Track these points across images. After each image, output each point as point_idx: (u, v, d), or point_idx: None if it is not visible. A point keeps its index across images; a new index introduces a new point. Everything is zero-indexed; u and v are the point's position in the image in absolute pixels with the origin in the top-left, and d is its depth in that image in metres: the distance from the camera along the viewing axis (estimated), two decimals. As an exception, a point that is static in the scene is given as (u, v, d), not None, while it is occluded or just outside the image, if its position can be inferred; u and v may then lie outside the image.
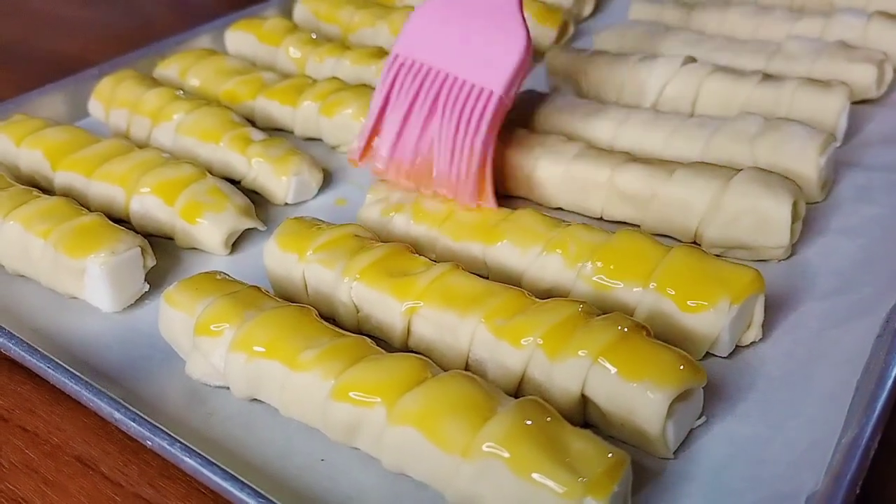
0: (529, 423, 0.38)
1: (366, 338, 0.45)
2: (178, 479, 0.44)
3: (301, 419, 0.44)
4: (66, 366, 0.46)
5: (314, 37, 0.84)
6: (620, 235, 0.51)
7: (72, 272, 0.53)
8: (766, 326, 0.49)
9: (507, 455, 0.37)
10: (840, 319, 0.50)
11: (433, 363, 0.43)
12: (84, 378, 0.45)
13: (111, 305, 0.54)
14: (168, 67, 0.80)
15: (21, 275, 0.57)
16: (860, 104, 0.72)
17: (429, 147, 0.59)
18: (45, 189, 0.63)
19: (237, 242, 0.60)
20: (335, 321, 0.51)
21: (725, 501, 0.40)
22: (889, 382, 0.42)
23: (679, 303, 0.47)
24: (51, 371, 0.46)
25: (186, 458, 0.40)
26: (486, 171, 0.57)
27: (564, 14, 0.89)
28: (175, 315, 0.48)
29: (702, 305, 0.46)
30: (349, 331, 0.46)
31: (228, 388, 0.46)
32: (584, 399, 0.43)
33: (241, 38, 0.87)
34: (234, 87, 0.75)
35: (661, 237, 0.57)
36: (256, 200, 0.64)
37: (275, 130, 0.74)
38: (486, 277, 0.54)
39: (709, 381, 0.43)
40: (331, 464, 0.43)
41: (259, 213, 0.62)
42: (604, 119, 0.66)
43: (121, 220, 0.60)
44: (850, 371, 0.46)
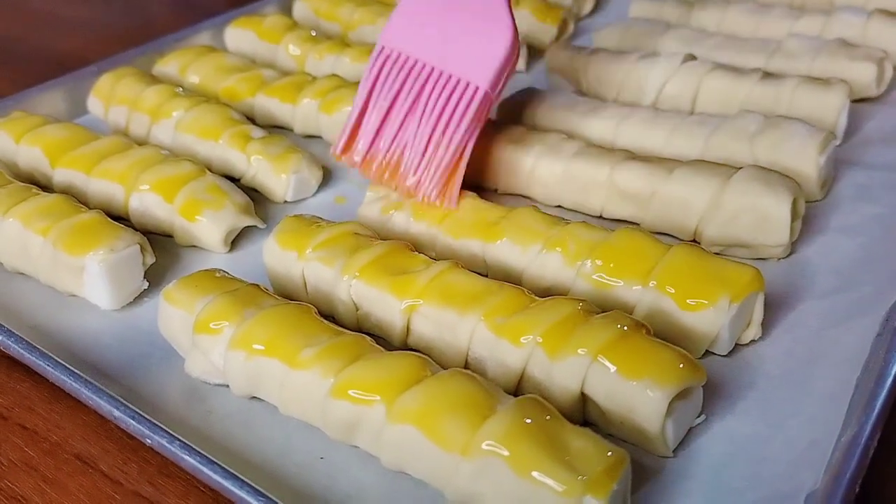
0: (529, 422, 0.38)
1: (365, 336, 0.45)
2: (178, 477, 0.44)
3: (300, 417, 0.44)
4: (66, 363, 0.46)
5: (314, 34, 0.84)
6: (620, 234, 0.51)
7: (71, 270, 0.53)
8: (766, 325, 0.49)
9: (507, 453, 0.37)
10: (840, 318, 0.50)
11: (432, 361, 0.43)
12: (83, 376, 0.45)
13: (110, 303, 0.54)
14: (167, 64, 0.80)
15: (20, 272, 0.57)
16: (860, 102, 0.72)
17: (406, 140, 0.58)
18: (45, 186, 0.63)
19: (236, 240, 0.60)
20: (335, 319, 0.51)
21: (725, 500, 0.40)
22: (888, 381, 0.42)
23: (678, 301, 0.47)
24: (50, 369, 0.46)
25: (186, 456, 0.40)
26: (458, 170, 0.56)
27: (564, 12, 0.89)
28: (174, 313, 0.48)
29: (701, 304, 0.46)
30: (349, 329, 0.46)
31: (228, 386, 0.46)
32: (584, 397, 0.43)
33: (241, 36, 0.87)
34: (234, 85, 0.75)
35: (661, 235, 0.57)
36: (256, 198, 0.64)
37: (274, 128, 0.74)
38: (486, 276, 0.54)
39: (708, 380, 0.43)
40: (330, 462, 0.43)
41: (258, 211, 0.62)
42: (604, 117, 0.66)
43: (120, 218, 0.60)
44: (850, 370, 0.46)
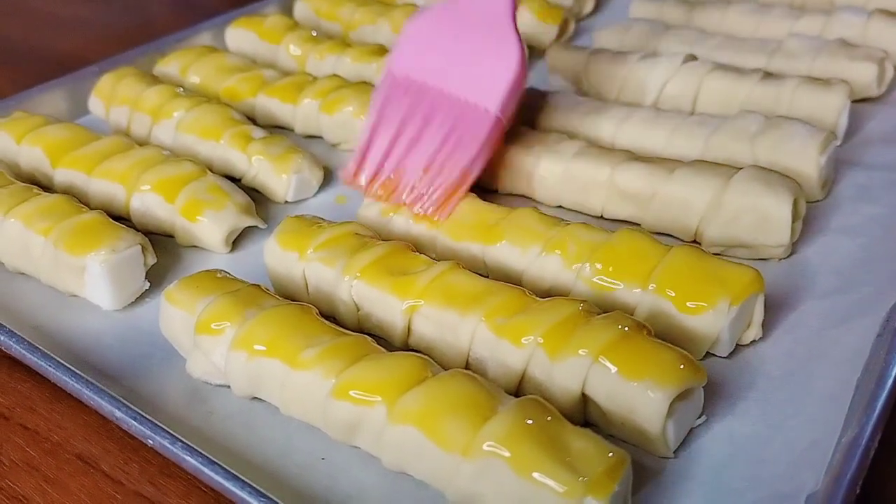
0: (530, 423, 0.38)
1: (366, 336, 0.45)
2: (179, 478, 0.44)
3: (301, 418, 0.44)
4: (67, 364, 0.46)
5: (315, 34, 0.84)
6: (620, 235, 0.51)
7: (72, 270, 0.53)
8: (767, 325, 0.49)
9: (508, 454, 0.37)
10: (840, 319, 0.50)
11: (433, 362, 0.43)
12: (85, 376, 0.45)
13: (111, 303, 0.54)
14: (168, 65, 0.80)
15: (21, 272, 0.57)
16: (861, 102, 0.72)
17: (412, 163, 0.58)
18: (46, 186, 0.63)
19: (237, 240, 0.60)
20: (336, 320, 0.51)
21: (725, 501, 0.40)
22: (889, 382, 0.42)
23: (678, 304, 0.47)
24: (51, 369, 0.46)
25: (187, 457, 0.40)
26: (460, 190, 0.57)
27: (565, 12, 0.89)
28: (176, 313, 0.48)
29: (701, 307, 0.46)
30: (350, 329, 0.46)
31: (229, 387, 0.46)
32: (585, 398, 0.43)
33: (242, 36, 0.87)
34: (235, 85, 0.75)
35: (662, 236, 0.57)
36: (257, 198, 0.64)
37: (275, 128, 0.74)
38: (487, 276, 0.54)
39: (709, 381, 0.43)
40: (331, 462, 0.43)
41: (259, 211, 0.62)
42: (604, 117, 0.66)
43: (121, 218, 0.60)
44: (851, 370, 0.46)
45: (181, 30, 0.88)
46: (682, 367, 0.42)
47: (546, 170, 0.61)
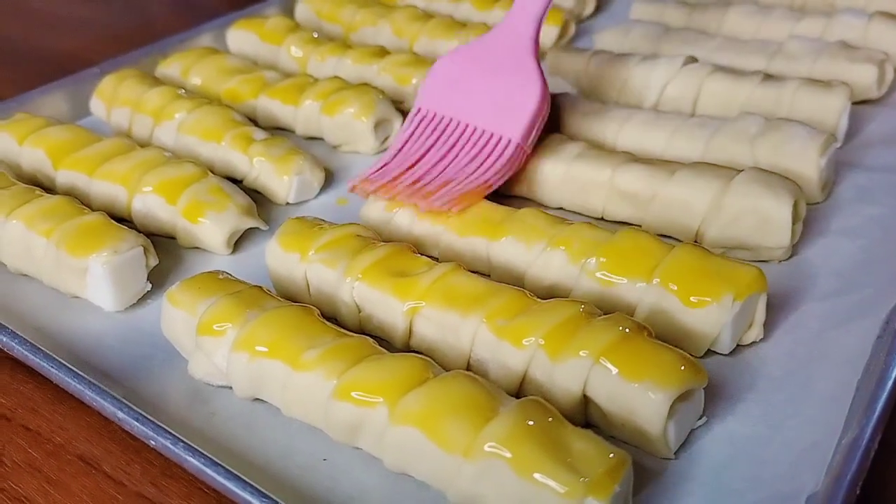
0: (531, 424, 0.38)
1: (368, 338, 0.45)
2: (181, 479, 0.44)
3: (303, 419, 0.44)
4: (69, 365, 0.47)
5: (316, 36, 0.84)
6: (624, 233, 0.51)
7: (74, 271, 0.53)
8: (767, 327, 0.49)
9: (509, 455, 0.37)
10: (840, 320, 0.50)
11: (435, 363, 0.43)
12: (87, 377, 0.46)
13: (113, 305, 0.54)
14: (170, 66, 0.80)
15: (23, 274, 0.57)
16: (861, 104, 0.72)
17: (431, 174, 0.59)
18: (47, 188, 0.63)
19: (239, 242, 0.61)
20: (337, 321, 0.51)
21: (726, 501, 0.40)
22: (889, 383, 0.42)
23: (682, 298, 0.47)
24: (53, 370, 0.46)
25: (189, 458, 0.40)
26: (473, 196, 0.57)
27: (566, 14, 0.89)
28: (177, 314, 0.48)
29: (704, 301, 0.47)
30: (351, 331, 0.46)
31: (231, 388, 0.46)
32: (586, 399, 0.43)
33: (243, 37, 0.87)
34: (236, 86, 0.75)
35: (662, 237, 0.57)
36: (258, 200, 0.64)
37: (276, 129, 0.74)
38: (489, 275, 0.54)
39: (710, 382, 0.44)
40: (333, 463, 0.43)
41: (261, 213, 0.62)
42: (605, 119, 0.66)
43: (123, 220, 0.60)
44: (851, 372, 0.46)
45: (182, 31, 0.89)
46: (683, 369, 0.42)
47: (547, 171, 0.61)
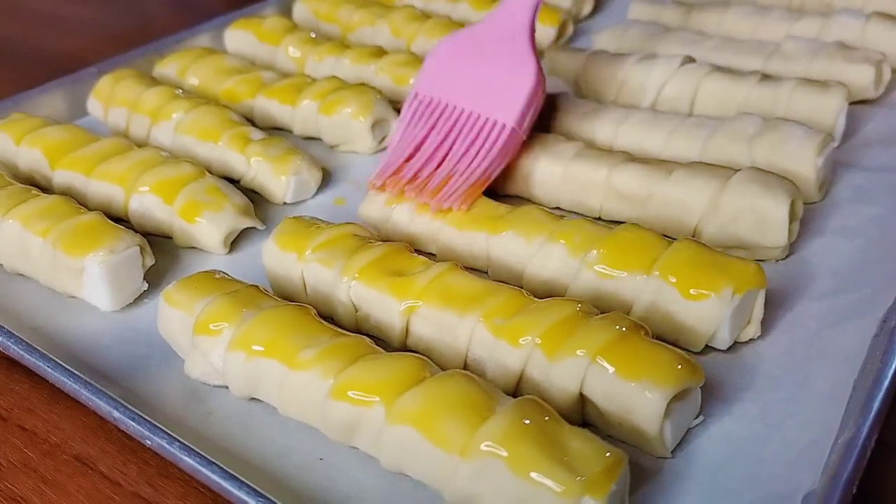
0: (528, 423, 0.38)
1: (364, 337, 0.45)
2: (177, 479, 0.44)
3: (300, 418, 0.44)
4: (65, 365, 0.46)
5: (313, 36, 0.84)
6: (624, 227, 0.51)
7: (71, 271, 0.53)
8: (765, 325, 0.49)
9: (506, 454, 0.37)
10: (838, 319, 0.50)
11: (432, 362, 0.43)
12: (83, 377, 0.45)
13: (110, 304, 0.54)
14: (167, 66, 0.80)
15: (20, 273, 0.57)
16: (858, 104, 0.72)
17: (432, 168, 0.59)
18: (44, 188, 0.63)
19: (236, 241, 0.60)
20: (334, 320, 0.51)
21: (723, 501, 0.40)
22: (886, 382, 0.42)
23: (682, 290, 0.47)
24: (49, 370, 0.46)
25: (185, 458, 0.40)
26: (475, 191, 0.57)
27: (563, 14, 0.89)
28: (174, 314, 0.48)
29: (704, 294, 0.47)
30: (348, 330, 0.46)
31: (227, 388, 0.46)
32: (583, 398, 0.43)
33: (241, 37, 0.87)
34: (234, 86, 0.75)
35: (660, 237, 0.57)
36: (255, 199, 0.64)
37: (274, 129, 0.74)
38: (487, 270, 0.54)
39: (707, 381, 0.44)
40: (329, 463, 0.43)
41: (258, 213, 0.62)
42: (602, 119, 0.66)
43: (120, 219, 0.60)
44: (848, 371, 0.46)
45: (180, 31, 0.89)
46: (680, 367, 0.42)
47: (545, 171, 0.61)
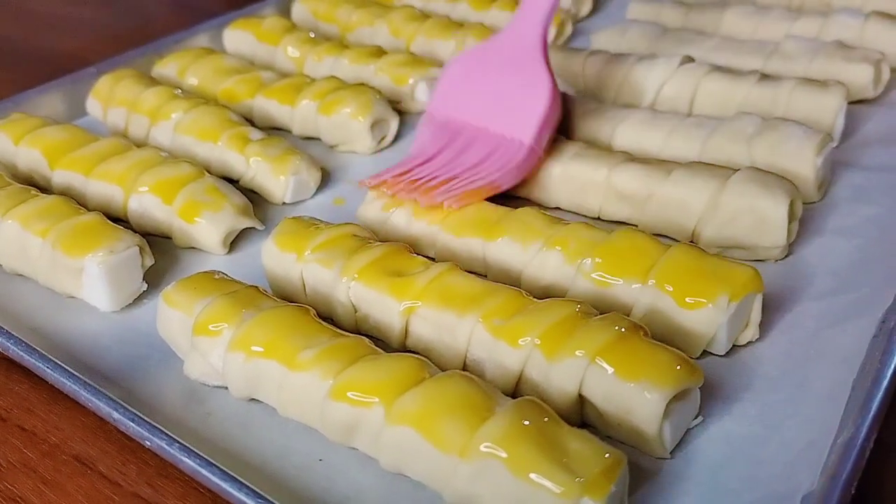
0: (527, 424, 0.38)
1: (364, 338, 0.45)
2: (177, 479, 0.44)
3: (299, 419, 0.44)
4: (65, 365, 0.46)
5: (312, 36, 0.84)
6: (620, 233, 0.51)
7: (70, 271, 0.53)
8: (763, 326, 0.49)
9: (505, 455, 0.37)
10: (837, 319, 0.50)
11: (431, 363, 0.43)
12: (82, 377, 0.45)
13: (109, 305, 0.54)
14: (166, 66, 0.80)
15: (19, 274, 0.57)
16: (857, 104, 0.72)
17: (442, 172, 0.59)
18: (44, 188, 0.63)
19: (235, 242, 0.60)
20: (333, 321, 0.51)
21: (722, 501, 0.40)
22: (885, 382, 0.42)
23: (677, 299, 0.47)
24: (49, 370, 0.46)
25: (185, 458, 0.40)
26: (478, 194, 0.57)
27: (562, 14, 0.89)
28: (173, 314, 0.48)
29: (700, 302, 0.47)
30: (347, 331, 0.46)
31: (227, 388, 0.46)
32: (582, 399, 0.43)
33: (240, 37, 0.87)
34: (233, 86, 0.75)
35: (659, 237, 0.57)
36: (254, 200, 0.64)
37: (273, 129, 0.74)
38: (485, 275, 0.54)
39: (706, 381, 0.44)
40: (329, 464, 0.43)
41: (257, 213, 0.62)
42: (602, 119, 0.66)
43: (119, 220, 0.60)
44: (847, 371, 0.46)
45: (179, 31, 0.89)
46: (679, 368, 0.42)
47: (543, 171, 0.61)
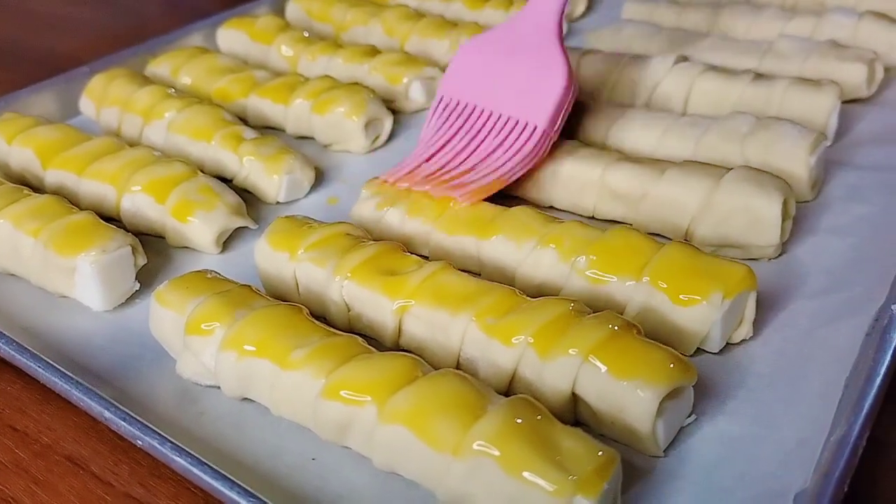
0: (520, 422, 0.38)
1: (357, 337, 0.45)
2: (169, 479, 0.43)
3: (292, 418, 0.44)
4: (57, 365, 0.46)
5: (306, 35, 0.84)
6: (614, 231, 0.51)
7: (62, 271, 0.53)
8: (757, 325, 0.49)
9: (498, 453, 0.37)
10: (830, 318, 0.50)
11: (424, 362, 0.43)
12: (74, 377, 0.45)
13: (102, 304, 0.54)
14: (160, 65, 0.80)
15: (11, 273, 0.57)
16: (851, 103, 0.72)
17: (455, 162, 0.59)
18: (36, 187, 0.63)
19: (228, 241, 0.60)
20: (326, 320, 0.50)
21: (715, 499, 0.40)
22: (878, 381, 0.42)
23: (671, 296, 0.47)
24: (41, 370, 0.46)
25: (177, 458, 0.40)
26: (495, 187, 0.57)
27: (557, 13, 0.89)
28: (166, 314, 0.48)
29: (694, 299, 0.47)
30: (340, 330, 0.46)
31: (219, 388, 0.46)
32: (575, 397, 0.43)
33: (234, 37, 0.87)
34: (226, 86, 0.75)
35: (653, 236, 0.57)
36: (248, 199, 0.64)
37: (267, 129, 0.74)
38: (479, 273, 0.54)
39: (699, 380, 0.44)
40: (322, 463, 0.43)
41: (250, 212, 0.62)
42: (596, 118, 0.66)
43: (112, 219, 0.59)
44: (840, 369, 0.46)
45: (173, 30, 0.88)
46: (672, 366, 0.42)
47: (538, 170, 0.61)
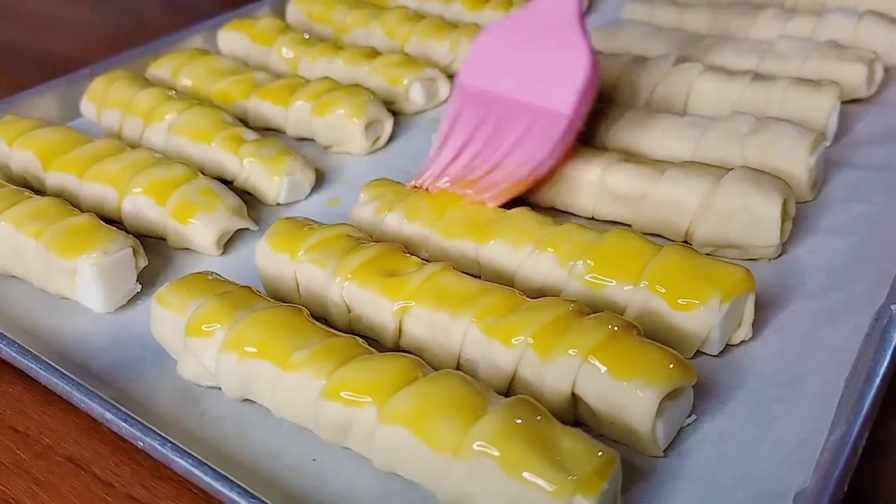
0: (520, 422, 0.38)
1: (357, 338, 0.45)
2: (170, 480, 0.44)
3: (292, 419, 0.44)
4: (58, 366, 0.46)
5: (307, 37, 0.84)
6: (612, 234, 0.51)
7: (63, 272, 0.53)
8: (756, 325, 0.49)
9: (498, 454, 0.37)
10: (829, 318, 0.50)
11: (424, 363, 0.43)
12: (75, 379, 0.45)
13: (103, 306, 0.54)
14: (160, 67, 0.80)
15: (12, 275, 0.57)
16: (850, 103, 0.72)
17: (481, 162, 0.59)
18: (37, 189, 0.63)
19: (229, 242, 0.60)
20: (327, 321, 0.51)
21: (715, 499, 0.40)
22: (877, 381, 0.42)
23: (669, 301, 0.47)
24: (42, 372, 0.46)
25: (178, 459, 0.40)
26: (524, 184, 0.57)
27: (557, 14, 0.89)
28: (167, 315, 0.48)
29: (692, 304, 0.47)
30: (341, 331, 0.46)
31: (220, 389, 0.46)
32: (575, 398, 0.43)
33: (234, 38, 0.87)
34: (227, 87, 0.75)
35: (653, 236, 0.57)
36: (248, 200, 0.64)
37: (267, 130, 0.74)
38: (479, 277, 0.54)
39: (699, 380, 0.44)
40: (322, 464, 0.43)
41: (251, 214, 0.62)
42: (596, 118, 0.66)
43: (113, 221, 0.60)
44: (839, 369, 0.46)
45: (173, 32, 0.89)
46: (672, 367, 0.42)
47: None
